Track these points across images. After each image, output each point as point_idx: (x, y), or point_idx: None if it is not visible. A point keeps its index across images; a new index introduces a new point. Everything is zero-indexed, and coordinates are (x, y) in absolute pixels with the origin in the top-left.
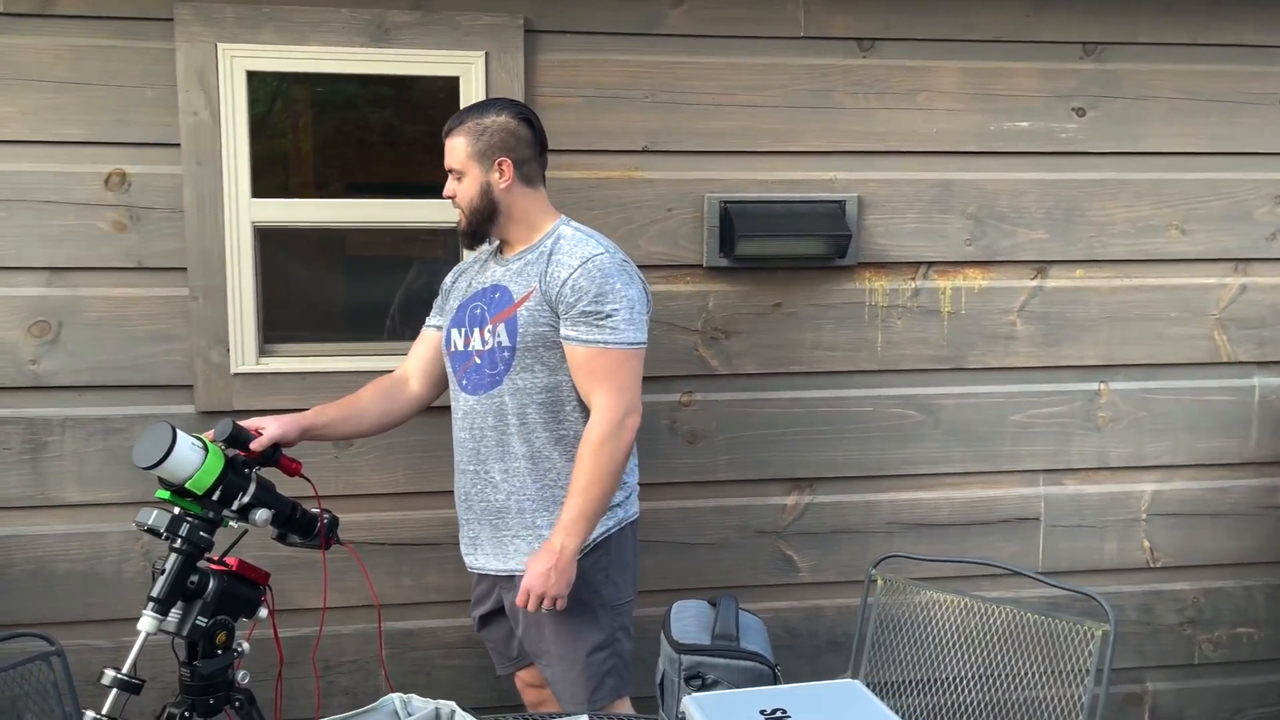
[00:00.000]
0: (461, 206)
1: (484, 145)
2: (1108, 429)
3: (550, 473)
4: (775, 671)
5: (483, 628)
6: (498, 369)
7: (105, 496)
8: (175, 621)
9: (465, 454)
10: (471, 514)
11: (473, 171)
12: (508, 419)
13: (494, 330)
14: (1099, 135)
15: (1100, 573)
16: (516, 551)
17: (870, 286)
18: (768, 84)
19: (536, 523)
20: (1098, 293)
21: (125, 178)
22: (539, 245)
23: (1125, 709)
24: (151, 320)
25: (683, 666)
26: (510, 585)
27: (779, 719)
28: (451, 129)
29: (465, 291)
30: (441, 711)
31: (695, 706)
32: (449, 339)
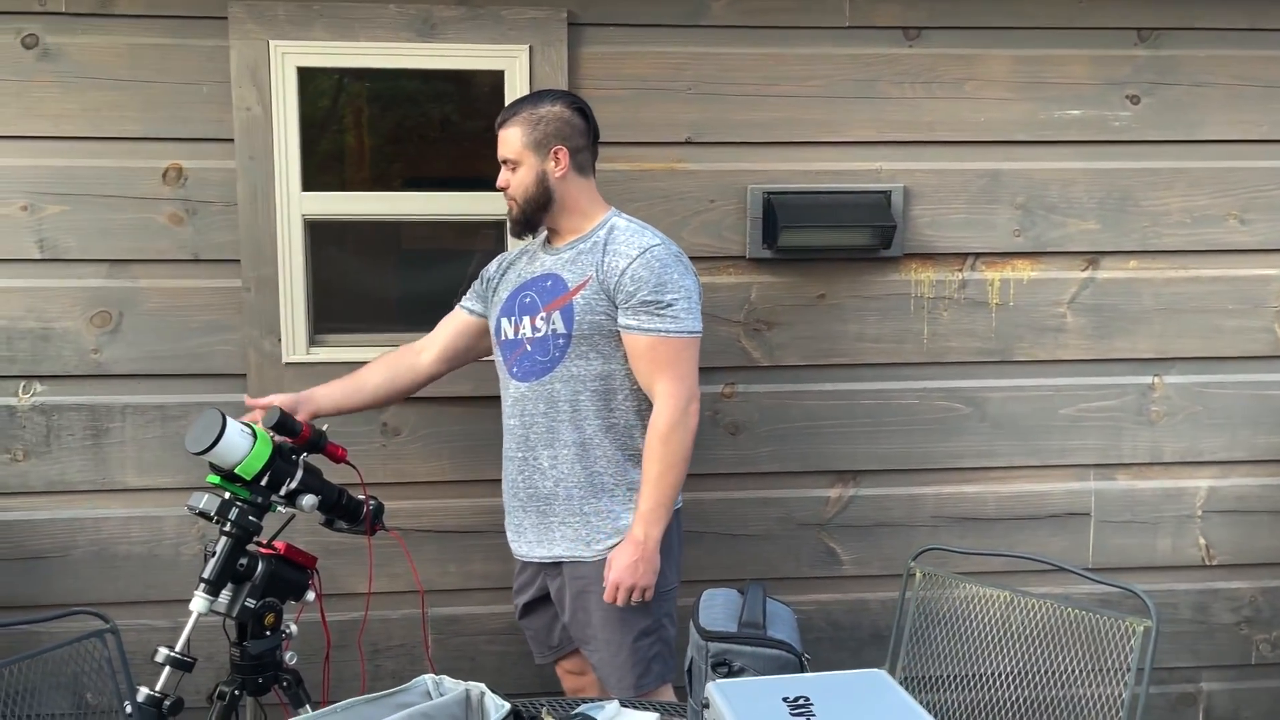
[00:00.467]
0: (515, 196)
1: (540, 135)
2: (1161, 423)
3: (600, 460)
4: (803, 660)
5: (524, 616)
6: (550, 355)
7: (163, 481)
8: (225, 603)
9: (514, 440)
10: (517, 501)
11: (528, 161)
12: (559, 406)
13: (548, 317)
14: (1154, 123)
15: (1153, 570)
16: (562, 538)
17: (916, 278)
18: (812, 74)
19: (584, 510)
20: (1152, 284)
21: (182, 172)
22: (592, 235)
23: (1179, 709)
24: (207, 311)
25: (709, 653)
26: (555, 572)
27: (802, 706)
28: (505, 120)
29: (514, 282)
30: (471, 693)
31: (718, 692)
32: (499, 328)
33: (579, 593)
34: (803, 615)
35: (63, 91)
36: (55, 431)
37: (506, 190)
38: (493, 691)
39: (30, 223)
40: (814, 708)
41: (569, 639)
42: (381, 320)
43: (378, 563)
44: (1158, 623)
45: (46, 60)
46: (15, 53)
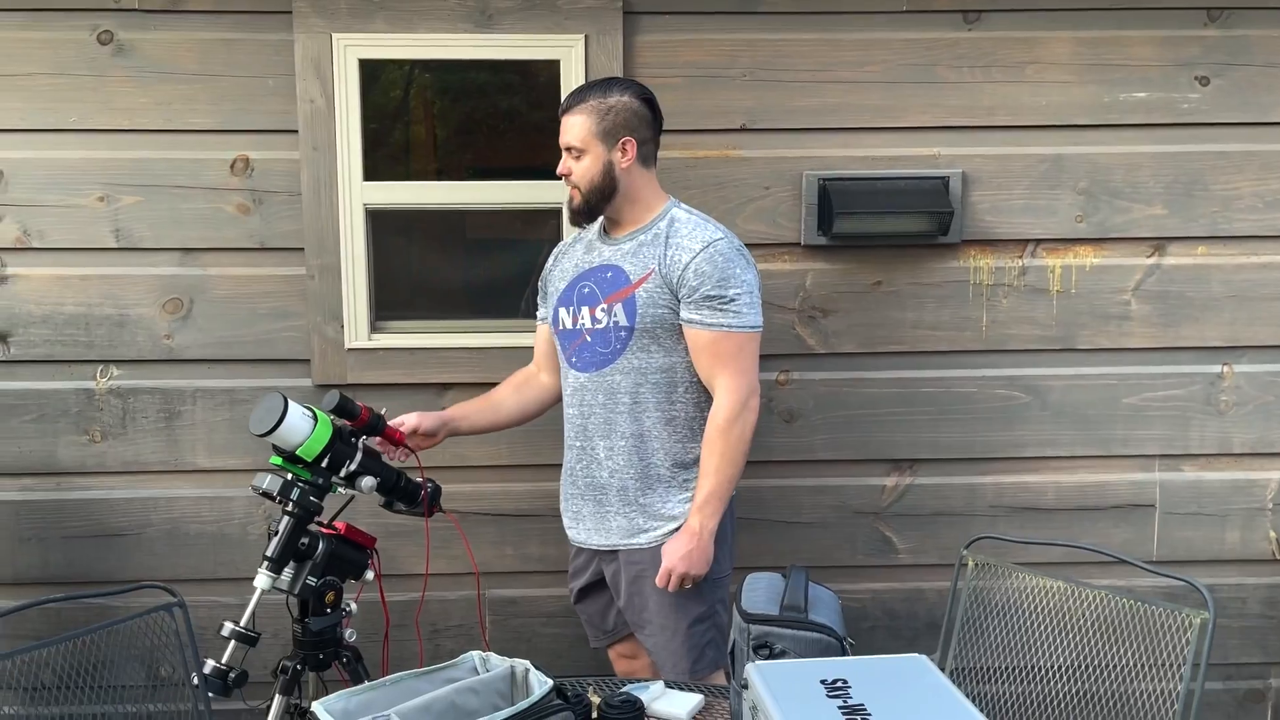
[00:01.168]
0: (579, 184)
1: (609, 125)
2: (1231, 413)
3: (657, 452)
4: (844, 644)
5: (579, 600)
6: (612, 347)
7: (232, 463)
8: (288, 580)
9: (573, 429)
10: (576, 488)
11: (595, 150)
12: (619, 397)
13: (609, 309)
14: (1224, 105)
15: (1221, 563)
16: (617, 528)
17: (975, 265)
18: (868, 59)
19: (640, 500)
20: (1221, 271)
21: (249, 163)
22: (652, 226)
23: (1246, 705)
24: (273, 298)
25: (751, 636)
26: (611, 558)
27: (840, 689)
28: (571, 107)
29: (571, 271)
30: (516, 669)
31: (757, 674)
32: (557, 317)
33: (634, 578)
34: (857, 604)
35: (136, 86)
36: (130, 414)
37: (568, 177)
38: (542, 671)
39: (107, 213)
40: (851, 690)
41: (623, 624)
42: (441, 307)
43: (437, 544)
44: (1215, 616)
45: (121, 56)
46: (91, 49)
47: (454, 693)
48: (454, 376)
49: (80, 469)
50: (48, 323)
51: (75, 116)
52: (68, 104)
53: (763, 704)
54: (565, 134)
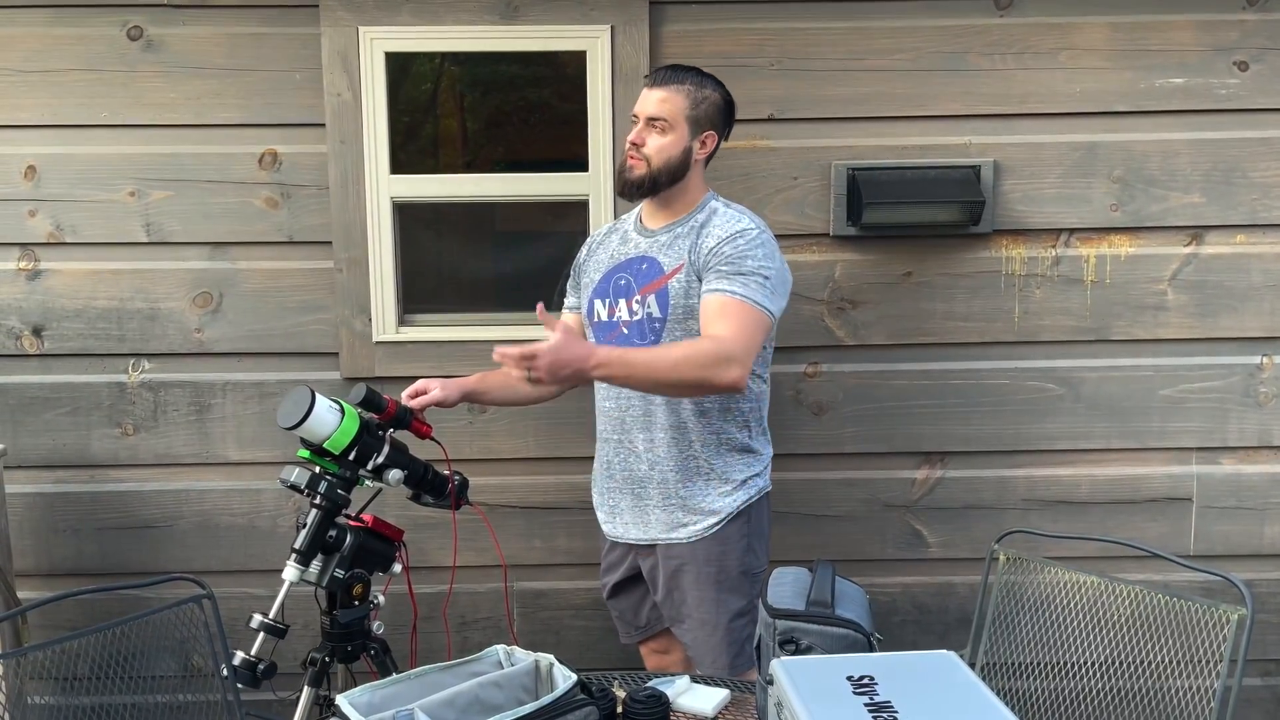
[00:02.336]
0: (650, 156)
1: (700, 113)
2: (1271, 405)
3: (694, 444)
4: (872, 640)
5: (612, 596)
6: (647, 339)
7: (261, 456)
8: (316, 572)
9: (609, 423)
10: (613, 482)
11: (680, 130)
12: None
13: (643, 301)
14: (1264, 90)
15: (1260, 558)
16: (657, 521)
17: (1007, 255)
18: (898, 47)
19: (680, 493)
20: (1261, 259)
21: (277, 157)
22: (690, 219)
23: None
24: (301, 291)
25: (777, 631)
26: (648, 552)
27: (865, 685)
28: (666, 81)
29: (607, 263)
30: (540, 663)
31: (782, 669)
32: (592, 309)
33: (674, 572)
34: (887, 598)
35: (165, 81)
36: (162, 407)
37: (641, 147)
38: (569, 665)
39: (138, 208)
40: (878, 687)
41: (657, 619)
42: (469, 300)
43: (465, 537)
44: (1254, 611)
45: (150, 51)
46: (121, 44)
47: (478, 687)
48: (482, 369)
49: (113, 461)
50: (80, 317)
51: (106, 112)
52: (98, 100)
53: (788, 700)
54: (652, 105)
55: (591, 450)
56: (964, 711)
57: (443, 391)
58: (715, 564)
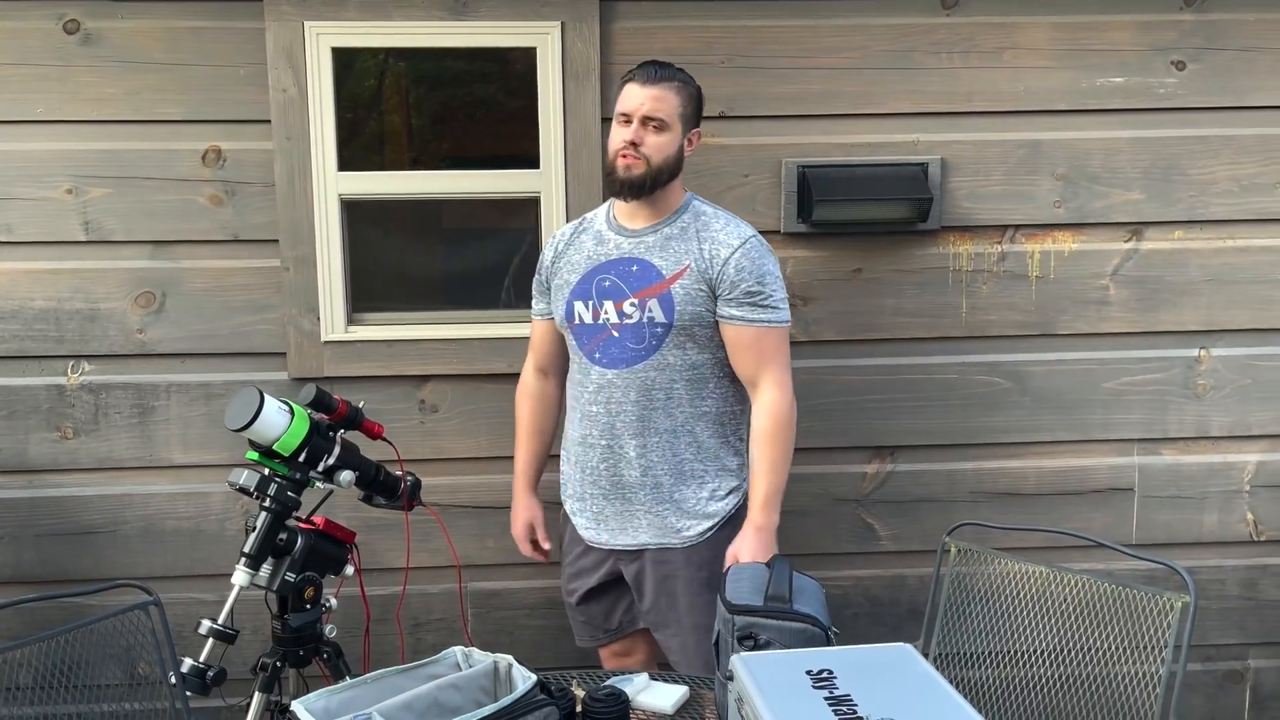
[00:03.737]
0: (649, 155)
1: (690, 110)
2: (1208, 397)
3: (691, 447)
4: (829, 634)
5: (583, 601)
6: (646, 344)
7: (208, 458)
8: (266, 576)
9: (596, 428)
10: (598, 489)
11: (675, 129)
12: (653, 394)
13: (641, 304)
14: (1201, 90)
15: (1199, 546)
16: (649, 526)
17: (954, 251)
18: (847, 46)
19: (673, 497)
20: (1198, 255)
21: (221, 154)
22: (676, 219)
23: (1225, 686)
24: (247, 290)
25: (735, 627)
26: (633, 558)
27: (825, 679)
28: (660, 78)
29: (584, 264)
30: (499, 664)
31: (742, 665)
32: (571, 311)
33: (664, 578)
34: (840, 591)
35: (104, 76)
36: (103, 410)
37: (639, 146)
38: (526, 665)
39: (75, 205)
40: (837, 681)
41: (629, 623)
42: (419, 299)
43: (417, 538)
44: (1196, 599)
45: (87, 45)
46: (57, 38)
47: (436, 689)
48: (433, 369)
49: (52, 466)
50: (16, 318)
51: (41, 108)
52: (34, 95)
53: (748, 696)
54: (648, 104)
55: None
56: (922, 703)
57: (537, 509)
58: (708, 568)
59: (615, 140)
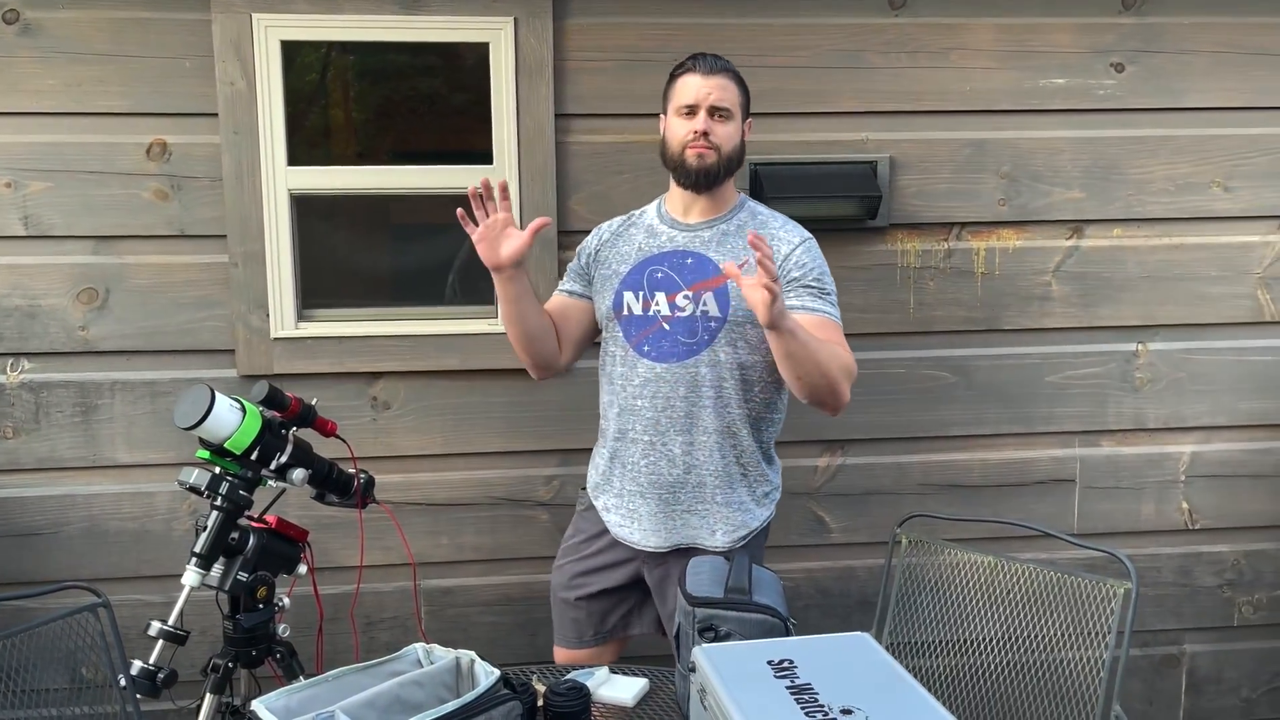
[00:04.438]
0: (720, 145)
1: (745, 100)
2: (1145, 390)
3: (736, 448)
4: (788, 625)
5: (589, 598)
6: (699, 338)
7: (154, 458)
8: (218, 576)
9: (640, 422)
10: (636, 486)
11: (738, 119)
12: (702, 390)
13: (696, 298)
14: (1138, 91)
15: (1137, 534)
16: (684, 526)
17: (902, 248)
18: (799, 44)
19: (716, 499)
20: (1136, 252)
21: (166, 148)
22: (732, 216)
23: (1162, 670)
24: (194, 286)
25: (696, 619)
26: (661, 562)
27: (786, 669)
28: (720, 68)
29: (635, 255)
30: (461, 661)
31: (704, 656)
32: (620, 301)
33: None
34: (791, 583)
35: (44, 67)
36: (44, 409)
37: (708, 136)
38: (489, 661)
39: (14, 199)
40: (798, 670)
41: (620, 628)
42: (371, 295)
43: (370, 536)
44: (1138, 585)
45: (27, 35)
46: None
47: (398, 686)
48: (385, 365)
49: None
50: None
51: None
52: None
53: (711, 686)
54: (717, 92)
55: (499, 446)
56: (881, 690)
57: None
58: None
59: (680, 132)
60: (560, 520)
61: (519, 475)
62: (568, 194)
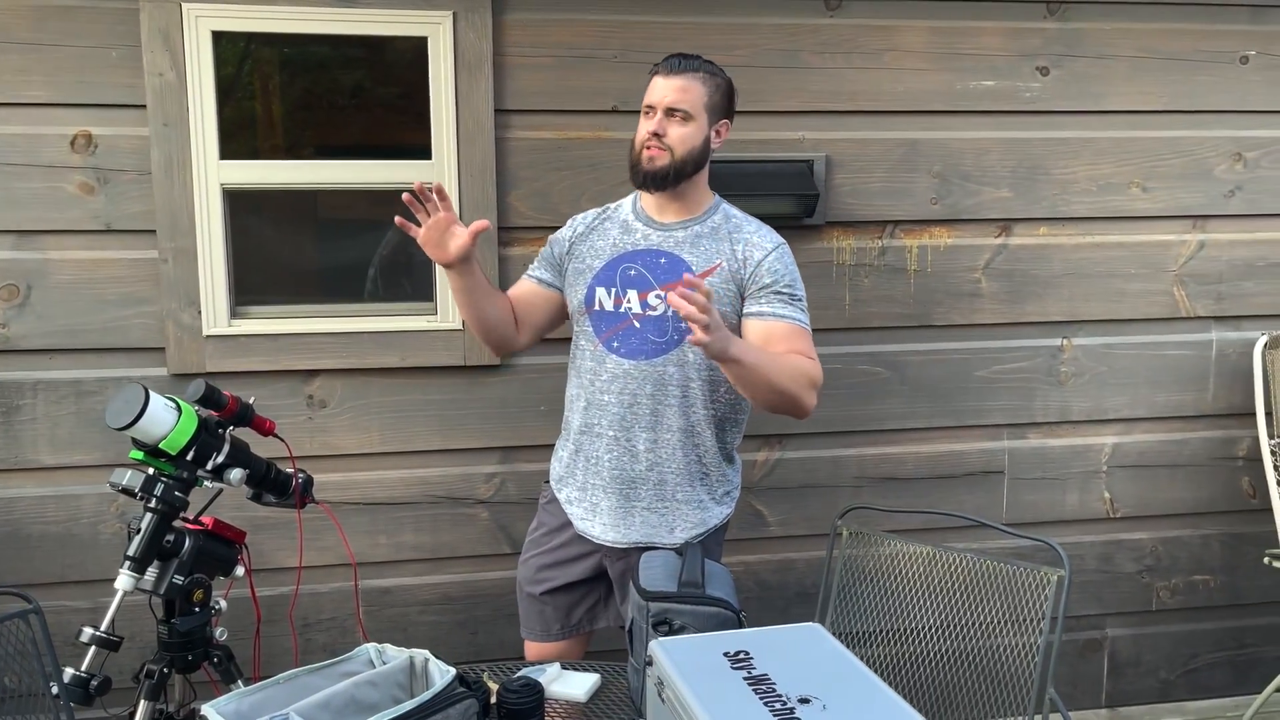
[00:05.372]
0: (674, 147)
1: (717, 101)
2: (1070, 384)
3: (699, 448)
4: (740, 617)
5: (553, 592)
6: (668, 337)
7: (79, 459)
8: (152, 580)
9: (606, 417)
10: (599, 480)
11: (701, 120)
12: (668, 389)
13: (667, 298)
14: (1063, 94)
15: (1062, 524)
16: (643, 524)
17: (838, 246)
18: (736, 43)
19: (676, 496)
20: (1061, 250)
21: (91, 140)
22: (706, 218)
23: (1085, 655)
24: (121, 283)
25: (650, 613)
26: (620, 555)
27: (742, 660)
28: (684, 69)
29: (609, 251)
30: (415, 660)
31: (661, 650)
32: (592, 296)
33: None
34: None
35: None
36: None
37: (663, 137)
38: (443, 659)
39: None
40: (754, 662)
41: (586, 622)
42: (306, 291)
43: (308, 536)
44: (1070, 573)
45: None
46: None
47: (352, 687)
48: (321, 363)
49: None
50: None
51: None
52: None
53: (670, 680)
54: (674, 93)
55: (439, 444)
56: (835, 679)
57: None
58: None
59: (640, 133)
60: (501, 518)
61: (459, 473)
62: (507, 190)
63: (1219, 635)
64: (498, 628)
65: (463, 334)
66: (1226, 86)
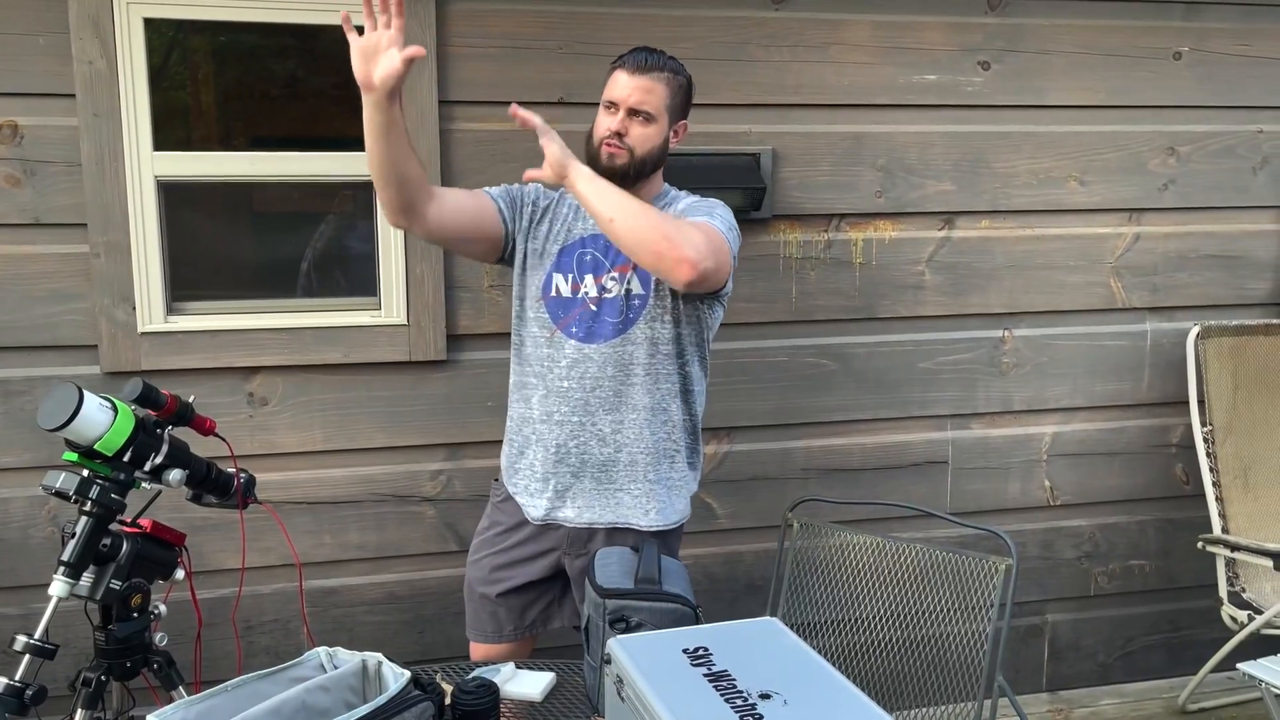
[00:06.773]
0: (634, 146)
1: (678, 102)
2: (1011, 374)
3: (668, 424)
4: (697, 612)
5: (509, 593)
6: (624, 317)
7: (8, 461)
8: (88, 585)
9: (568, 404)
10: (565, 466)
11: (662, 121)
12: (632, 369)
13: (621, 278)
14: (1003, 89)
15: (1004, 512)
16: (619, 504)
17: (785, 239)
18: (682, 36)
19: (649, 476)
20: (1002, 243)
21: (17, 130)
22: (656, 204)
23: (1028, 640)
24: (51, 279)
25: (607, 610)
26: (582, 547)
27: (701, 657)
28: (648, 68)
29: (564, 235)
30: (368, 663)
31: (619, 647)
32: (550, 283)
33: None
34: None
35: None
36: None
37: (624, 136)
38: (396, 661)
39: None
40: (713, 657)
41: (540, 623)
42: (246, 286)
43: (249, 537)
44: (1018, 561)
45: None
46: None
47: (304, 692)
48: (262, 359)
49: None
50: None
51: None
52: None
53: (629, 677)
54: (636, 93)
55: (383, 442)
56: (796, 673)
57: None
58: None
59: (600, 127)
60: (448, 516)
61: (404, 471)
62: (453, 182)
63: (1154, 619)
64: (445, 626)
65: (407, 329)
66: (1161, 82)
